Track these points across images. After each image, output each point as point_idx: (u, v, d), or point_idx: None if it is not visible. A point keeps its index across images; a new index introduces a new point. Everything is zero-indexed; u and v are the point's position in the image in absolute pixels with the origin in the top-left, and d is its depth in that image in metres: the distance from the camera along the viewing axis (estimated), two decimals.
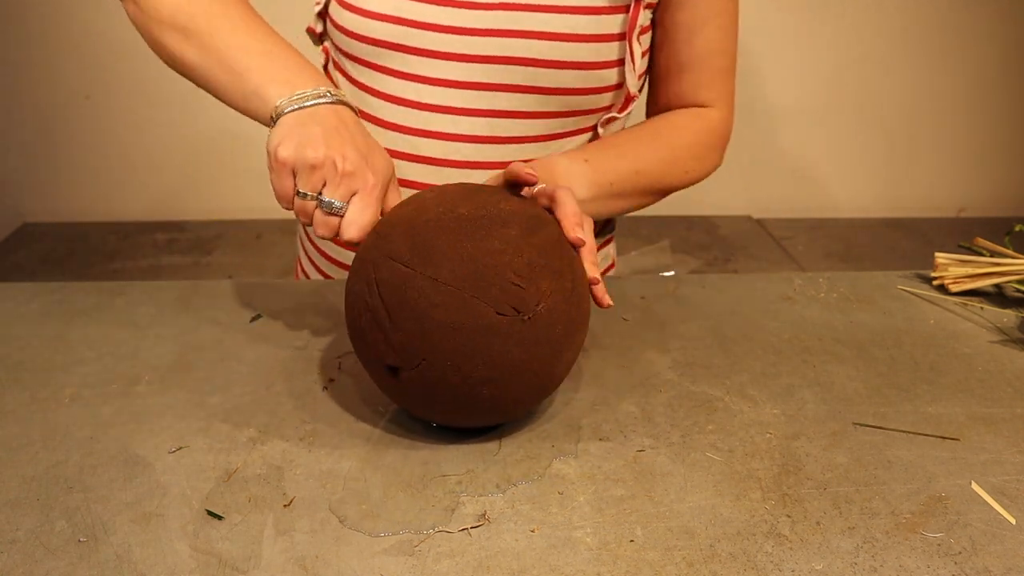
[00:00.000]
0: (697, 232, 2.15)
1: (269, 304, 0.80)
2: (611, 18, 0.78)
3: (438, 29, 0.77)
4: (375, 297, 0.56)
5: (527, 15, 0.76)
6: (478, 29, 0.76)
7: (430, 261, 0.55)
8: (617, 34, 0.79)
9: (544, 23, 0.76)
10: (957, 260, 0.86)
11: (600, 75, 0.79)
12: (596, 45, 0.78)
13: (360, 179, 0.63)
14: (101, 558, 0.49)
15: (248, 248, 2.05)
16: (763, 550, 0.50)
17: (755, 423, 0.63)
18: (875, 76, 2.16)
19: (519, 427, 0.62)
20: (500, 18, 0.76)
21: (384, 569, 0.49)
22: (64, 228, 2.15)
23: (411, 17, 0.77)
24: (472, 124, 0.80)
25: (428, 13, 0.76)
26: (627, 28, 0.79)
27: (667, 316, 0.79)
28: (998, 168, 2.30)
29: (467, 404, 0.56)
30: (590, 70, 0.78)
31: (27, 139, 2.14)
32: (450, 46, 0.77)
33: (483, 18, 0.76)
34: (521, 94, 0.79)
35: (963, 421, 0.63)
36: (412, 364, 0.55)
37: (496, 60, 0.77)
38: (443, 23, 0.76)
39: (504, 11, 0.76)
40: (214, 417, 0.63)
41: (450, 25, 0.76)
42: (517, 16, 0.76)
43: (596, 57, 0.78)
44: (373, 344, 0.57)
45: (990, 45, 2.15)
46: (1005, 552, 0.50)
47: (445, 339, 0.53)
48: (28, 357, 0.71)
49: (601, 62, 0.78)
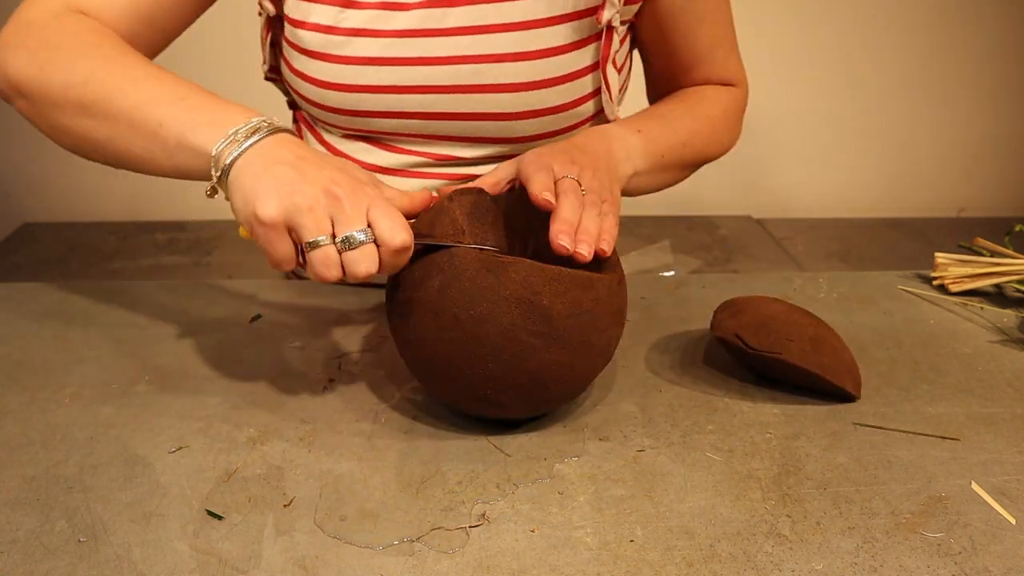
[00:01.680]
0: (697, 232, 2.15)
1: (269, 304, 0.80)
2: (580, 52, 0.73)
3: (399, 91, 0.72)
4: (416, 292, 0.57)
5: (491, 66, 0.71)
6: (440, 86, 0.72)
7: None
8: (588, 67, 0.74)
9: (511, 74, 0.71)
10: (957, 260, 0.86)
11: (576, 112, 0.75)
12: (568, 85, 0.73)
13: (361, 195, 0.55)
14: (101, 558, 0.49)
15: (248, 248, 2.04)
16: (763, 550, 0.50)
17: (755, 423, 0.63)
18: (875, 76, 2.16)
19: (519, 427, 0.62)
20: (461, 72, 0.71)
21: (384, 569, 0.49)
22: (64, 228, 2.15)
23: (365, 83, 0.72)
24: (452, 174, 0.78)
25: (384, 76, 0.72)
26: (600, 58, 0.74)
27: (667, 316, 0.79)
28: (998, 168, 2.30)
29: (494, 402, 0.58)
30: (563, 112, 0.74)
31: (27, 139, 2.14)
32: (414, 105, 0.73)
33: (442, 73, 0.71)
34: (497, 144, 0.76)
35: (963, 421, 0.63)
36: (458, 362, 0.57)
37: (464, 117, 0.73)
38: (402, 84, 0.72)
39: (466, 64, 0.71)
40: (214, 417, 0.63)
41: (410, 85, 0.72)
42: (480, 68, 0.71)
43: (570, 97, 0.74)
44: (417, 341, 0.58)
45: (990, 45, 2.15)
46: (1005, 552, 0.50)
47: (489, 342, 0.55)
48: (28, 357, 0.71)
49: (575, 100, 0.74)
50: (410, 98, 0.73)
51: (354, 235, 0.53)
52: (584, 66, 0.74)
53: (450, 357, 0.56)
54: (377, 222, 0.54)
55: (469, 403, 0.60)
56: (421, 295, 0.56)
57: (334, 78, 0.73)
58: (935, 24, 2.12)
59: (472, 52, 0.71)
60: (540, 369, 0.56)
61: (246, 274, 1.89)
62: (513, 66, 0.71)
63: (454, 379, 0.57)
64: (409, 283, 0.58)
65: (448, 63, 0.71)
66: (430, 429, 0.62)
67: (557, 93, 0.73)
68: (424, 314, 0.56)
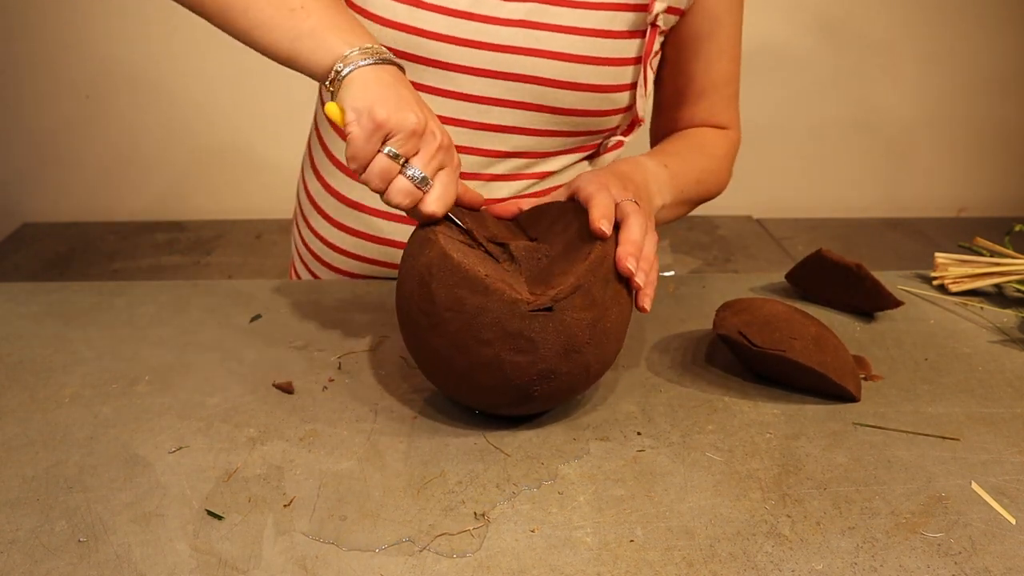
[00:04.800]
0: (697, 232, 2.15)
1: (269, 304, 0.80)
2: (627, 42, 0.77)
3: (454, 42, 0.76)
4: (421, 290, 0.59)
5: (547, 35, 0.75)
6: (496, 44, 0.76)
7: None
8: (632, 58, 0.78)
9: (562, 44, 0.76)
10: (957, 260, 0.86)
11: (611, 98, 0.79)
12: (611, 68, 0.77)
13: (450, 155, 0.62)
14: (101, 558, 0.49)
15: (248, 248, 2.05)
16: (763, 550, 0.50)
17: (755, 423, 0.63)
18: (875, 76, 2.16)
19: (519, 427, 0.62)
20: (519, 36, 0.76)
21: (384, 569, 0.49)
22: (64, 228, 2.15)
23: (427, 28, 0.75)
24: (481, 137, 0.80)
25: (445, 25, 0.75)
26: (643, 53, 0.78)
27: (667, 316, 0.79)
28: (998, 168, 2.30)
29: (499, 400, 0.59)
30: (602, 93, 0.78)
31: (27, 139, 2.14)
32: (465, 59, 0.76)
33: (501, 34, 0.75)
34: (532, 111, 0.79)
35: (963, 421, 0.63)
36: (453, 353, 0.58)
37: (510, 77, 0.77)
38: (459, 36, 0.75)
39: (524, 28, 0.75)
40: (214, 417, 0.63)
41: (467, 38, 0.75)
42: (537, 35, 0.75)
43: (610, 80, 0.78)
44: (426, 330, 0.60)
45: (990, 45, 2.15)
46: (1005, 552, 0.50)
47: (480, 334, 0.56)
48: (28, 357, 0.71)
49: (614, 85, 0.78)
50: (466, 51, 0.76)
51: (418, 173, 0.60)
52: (627, 56, 0.78)
53: (444, 350, 0.58)
54: (437, 182, 0.61)
55: (456, 394, 0.61)
56: (420, 290, 0.58)
57: (395, 16, 0.75)
58: (935, 24, 2.12)
59: (530, 18, 0.76)
60: (526, 374, 0.57)
61: (246, 274, 1.89)
62: (565, 38, 0.76)
63: (450, 373, 0.59)
64: (413, 275, 0.59)
65: (507, 24, 0.76)
66: (430, 429, 0.62)
67: (598, 73, 0.77)
68: (421, 308, 0.58)
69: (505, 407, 0.60)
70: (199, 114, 2.12)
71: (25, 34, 2.04)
